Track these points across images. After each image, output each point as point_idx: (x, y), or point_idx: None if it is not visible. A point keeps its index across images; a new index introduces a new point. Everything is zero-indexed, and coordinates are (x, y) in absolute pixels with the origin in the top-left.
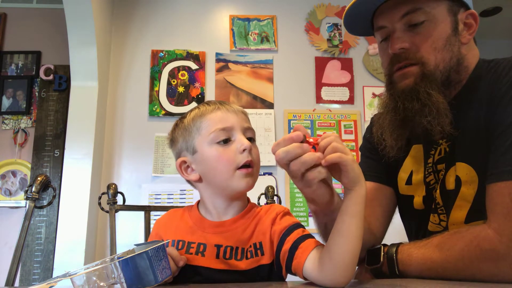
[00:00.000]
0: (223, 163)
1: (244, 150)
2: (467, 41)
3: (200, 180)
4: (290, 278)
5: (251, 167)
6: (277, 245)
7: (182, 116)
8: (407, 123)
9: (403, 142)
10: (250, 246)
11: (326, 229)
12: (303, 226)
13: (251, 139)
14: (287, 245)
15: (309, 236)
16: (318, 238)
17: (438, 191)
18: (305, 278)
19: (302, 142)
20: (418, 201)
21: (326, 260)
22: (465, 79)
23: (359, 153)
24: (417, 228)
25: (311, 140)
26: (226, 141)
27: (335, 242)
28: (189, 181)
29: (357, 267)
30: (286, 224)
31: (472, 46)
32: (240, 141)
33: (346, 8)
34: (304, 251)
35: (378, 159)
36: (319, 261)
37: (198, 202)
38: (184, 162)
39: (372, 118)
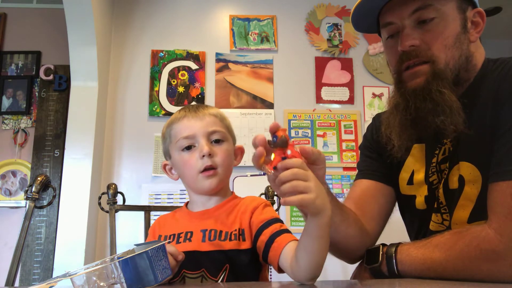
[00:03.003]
0: (188, 168)
1: (203, 156)
2: (475, 39)
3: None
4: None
5: (213, 169)
6: (255, 235)
7: None
8: (418, 123)
9: (412, 143)
10: (235, 230)
11: None
12: (281, 221)
13: (219, 141)
14: (263, 237)
15: (286, 231)
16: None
17: (441, 190)
18: (279, 270)
19: (277, 145)
20: (420, 201)
21: (294, 264)
22: (472, 77)
23: (359, 151)
24: (418, 228)
25: (288, 152)
26: (190, 148)
27: (301, 256)
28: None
29: (356, 266)
30: (265, 216)
31: (479, 44)
32: (201, 147)
33: (356, 4)
34: (279, 245)
35: (378, 158)
36: (290, 260)
37: (187, 203)
38: (167, 164)
39: (374, 117)
